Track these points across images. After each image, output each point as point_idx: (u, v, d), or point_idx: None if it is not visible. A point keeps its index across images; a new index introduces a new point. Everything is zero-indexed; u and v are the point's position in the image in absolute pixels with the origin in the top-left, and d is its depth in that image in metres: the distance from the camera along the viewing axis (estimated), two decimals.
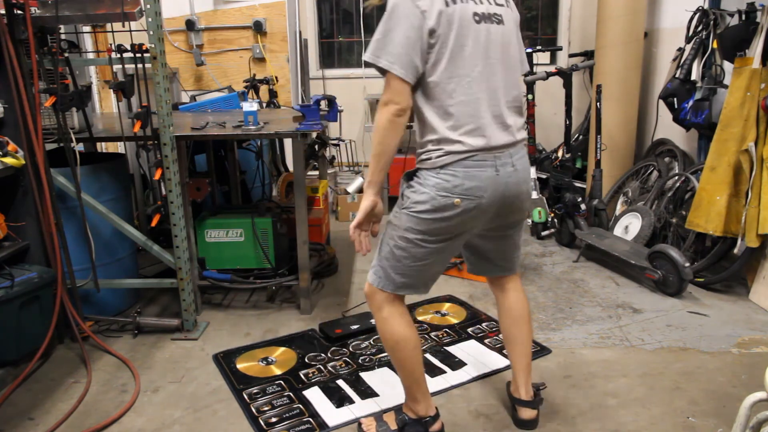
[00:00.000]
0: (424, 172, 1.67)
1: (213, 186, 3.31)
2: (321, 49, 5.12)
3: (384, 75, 1.59)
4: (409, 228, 1.69)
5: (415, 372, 1.84)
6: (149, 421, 2.07)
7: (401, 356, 1.81)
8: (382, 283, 1.77)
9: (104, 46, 3.93)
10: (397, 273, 1.74)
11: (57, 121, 2.43)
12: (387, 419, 1.95)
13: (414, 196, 1.67)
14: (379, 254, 1.78)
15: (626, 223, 3.62)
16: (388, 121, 1.59)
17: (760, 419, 1.43)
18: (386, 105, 1.59)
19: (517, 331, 1.97)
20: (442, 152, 1.63)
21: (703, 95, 3.32)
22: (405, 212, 1.69)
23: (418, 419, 1.88)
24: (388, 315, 1.79)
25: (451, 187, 1.62)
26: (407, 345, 1.80)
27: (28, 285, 2.30)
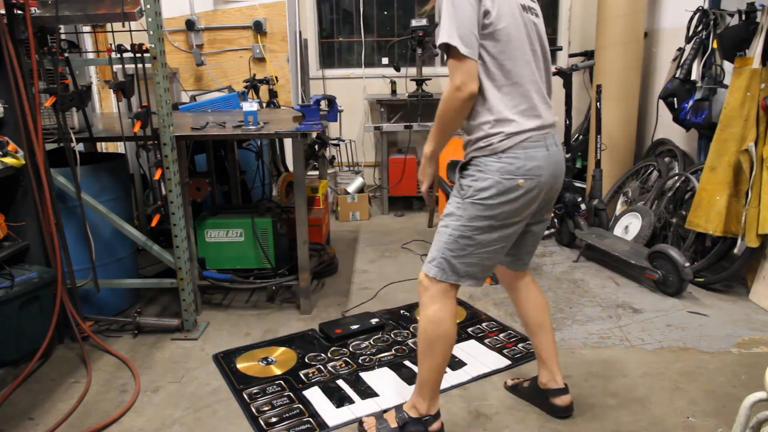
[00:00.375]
0: (484, 158, 1.70)
1: (213, 186, 3.31)
2: (321, 49, 5.12)
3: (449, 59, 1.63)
4: (476, 216, 1.71)
5: (442, 369, 1.85)
6: (149, 421, 2.07)
7: (437, 351, 1.82)
8: (445, 274, 1.77)
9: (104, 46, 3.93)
10: (462, 263, 1.75)
11: (57, 121, 2.43)
12: (387, 418, 1.95)
13: (476, 184, 1.70)
14: (438, 247, 1.78)
15: (626, 223, 3.62)
16: (462, 105, 1.64)
17: (760, 419, 1.43)
18: (460, 89, 1.61)
19: (544, 319, 2.04)
20: (502, 136, 1.67)
21: (703, 95, 3.32)
22: (469, 201, 1.71)
23: (419, 418, 1.88)
24: (440, 308, 1.80)
25: (515, 169, 1.68)
26: (447, 341, 1.82)
27: (28, 285, 2.30)
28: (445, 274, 1.77)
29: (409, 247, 3.90)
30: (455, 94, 1.62)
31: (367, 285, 3.28)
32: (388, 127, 4.62)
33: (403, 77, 4.72)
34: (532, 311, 2.05)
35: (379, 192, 4.93)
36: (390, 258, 3.72)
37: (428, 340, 1.82)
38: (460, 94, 1.61)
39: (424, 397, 1.87)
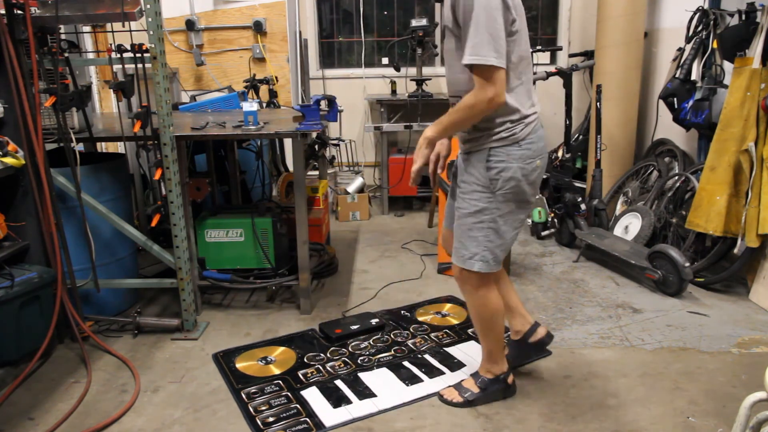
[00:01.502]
0: (506, 148, 1.82)
1: (213, 186, 3.31)
2: (321, 49, 5.12)
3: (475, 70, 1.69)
4: (508, 204, 1.86)
5: (501, 336, 2.08)
6: (149, 421, 2.08)
7: (494, 325, 2.03)
8: (489, 266, 1.92)
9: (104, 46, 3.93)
10: (501, 250, 1.92)
11: (57, 121, 2.43)
12: (467, 385, 2.14)
13: (504, 175, 1.83)
14: (477, 242, 1.89)
15: (626, 223, 3.62)
16: (483, 112, 1.74)
17: (760, 419, 1.43)
18: (492, 101, 1.70)
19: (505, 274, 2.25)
20: (522, 125, 1.82)
21: (703, 95, 3.32)
22: (500, 193, 1.85)
23: (496, 377, 2.11)
24: (486, 291, 1.98)
25: (532, 153, 1.84)
26: (499, 314, 2.03)
27: (28, 285, 2.30)
28: (489, 266, 1.92)
29: (409, 247, 3.90)
30: (487, 105, 1.71)
31: (367, 285, 3.28)
32: (388, 127, 4.62)
33: (403, 77, 4.72)
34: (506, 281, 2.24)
35: (379, 192, 4.93)
36: (390, 258, 3.72)
37: (485, 320, 2.03)
38: (492, 105, 1.71)
39: (494, 361, 2.10)
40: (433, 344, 2.58)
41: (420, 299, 3.06)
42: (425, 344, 2.58)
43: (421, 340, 2.62)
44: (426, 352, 2.50)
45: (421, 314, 2.89)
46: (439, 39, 4.93)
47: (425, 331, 2.70)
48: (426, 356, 2.47)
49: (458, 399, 2.12)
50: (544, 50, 4.77)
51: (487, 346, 2.11)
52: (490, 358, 2.11)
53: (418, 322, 2.81)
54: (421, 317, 2.85)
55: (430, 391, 2.20)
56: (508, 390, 2.15)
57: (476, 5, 1.63)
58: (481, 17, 1.63)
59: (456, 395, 2.13)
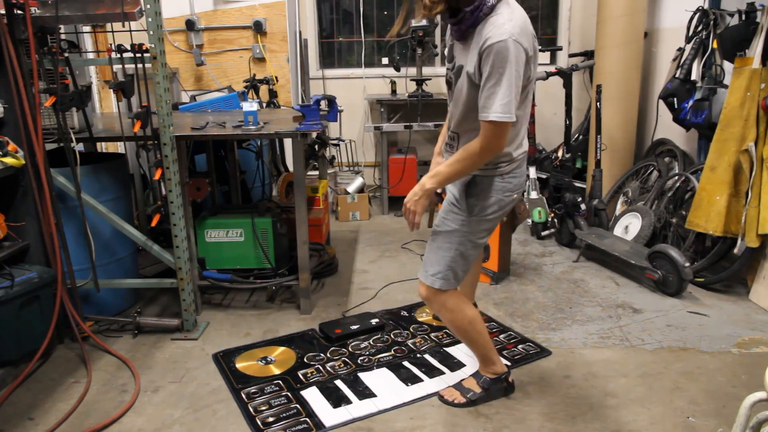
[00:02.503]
0: (488, 179, 1.88)
1: (213, 186, 3.31)
2: (321, 49, 5.12)
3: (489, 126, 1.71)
4: (480, 229, 1.93)
5: (487, 341, 2.11)
6: (149, 421, 2.08)
7: (475, 331, 2.06)
8: (450, 284, 1.97)
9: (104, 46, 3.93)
10: (464, 270, 1.98)
11: (57, 121, 2.43)
12: (468, 385, 2.15)
13: (483, 203, 1.89)
14: (444, 262, 1.94)
15: (626, 223, 3.62)
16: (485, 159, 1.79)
17: (760, 419, 1.43)
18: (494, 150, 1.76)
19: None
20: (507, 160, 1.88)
21: (703, 95, 3.32)
22: (476, 219, 1.91)
23: (498, 377, 2.13)
24: (455, 305, 2.01)
25: (512, 186, 1.91)
26: (477, 320, 2.05)
27: (28, 285, 2.30)
28: (449, 284, 1.97)
29: (409, 247, 3.90)
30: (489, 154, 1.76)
31: (367, 285, 3.28)
32: (388, 127, 4.62)
33: (403, 77, 4.72)
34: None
35: (379, 192, 4.93)
36: (390, 258, 3.72)
37: (464, 330, 2.05)
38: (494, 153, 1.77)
39: (491, 363, 2.13)
40: (433, 344, 2.58)
41: (420, 299, 3.05)
42: (425, 344, 2.58)
43: (421, 340, 2.62)
44: (426, 352, 2.50)
45: (421, 314, 2.89)
46: (438, 39, 4.93)
47: (425, 331, 2.70)
48: (426, 356, 2.47)
49: (460, 399, 2.12)
50: (544, 50, 4.78)
51: (478, 352, 2.13)
52: (487, 362, 2.13)
53: (418, 322, 2.81)
54: (421, 317, 2.85)
55: (430, 391, 2.21)
56: (510, 388, 2.17)
57: (509, 63, 1.61)
58: (513, 76, 1.62)
59: (458, 395, 2.13)
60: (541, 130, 4.61)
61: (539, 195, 3.85)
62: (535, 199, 3.80)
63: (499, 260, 3.21)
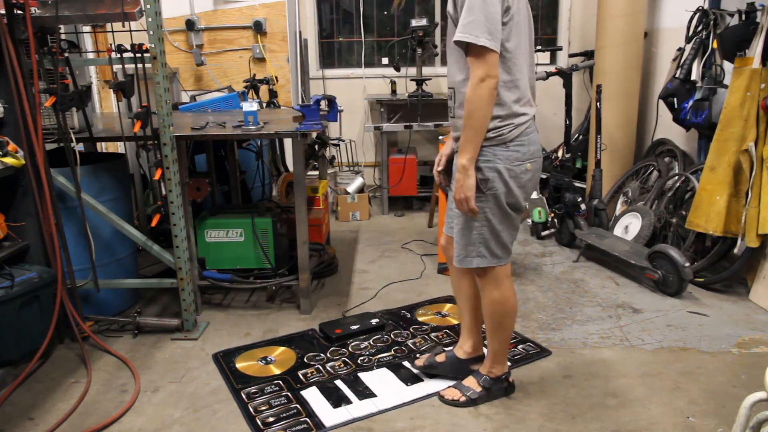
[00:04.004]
0: (493, 148, 1.80)
1: (213, 186, 3.31)
2: (321, 49, 5.12)
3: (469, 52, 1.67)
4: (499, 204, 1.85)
5: (508, 338, 2.10)
6: (149, 421, 2.08)
7: (507, 325, 2.04)
8: (489, 260, 1.92)
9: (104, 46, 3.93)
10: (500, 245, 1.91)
11: (57, 121, 2.43)
12: (469, 384, 2.14)
13: (490, 175, 1.82)
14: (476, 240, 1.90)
15: (626, 223, 3.62)
16: (489, 96, 1.69)
17: (760, 419, 1.43)
18: (484, 80, 1.67)
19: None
20: (512, 126, 1.80)
21: (703, 95, 3.32)
22: (490, 193, 1.84)
23: (499, 377, 2.12)
24: (507, 286, 1.98)
25: (521, 155, 1.82)
26: (513, 315, 2.04)
27: (28, 285, 2.30)
28: (487, 261, 1.92)
29: (409, 247, 3.90)
30: (480, 86, 1.67)
31: (367, 285, 3.28)
32: (388, 127, 4.62)
33: (403, 77, 4.72)
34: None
35: (379, 192, 4.93)
36: (390, 258, 3.72)
37: (498, 319, 2.02)
38: (488, 84, 1.67)
39: (498, 362, 2.11)
40: (433, 344, 2.58)
41: (420, 299, 3.05)
42: (425, 344, 2.58)
43: (421, 340, 2.62)
44: (426, 353, 2.50)
45: (421, 314, 2.89)
46: (439, 39, 4.93)
47: (425, 331, 2.70)
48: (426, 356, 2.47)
49: (461, 398, 2.11)
50: (544, 50, 4.78)
51: (493, 346, 2.09)
52: (495, 359, 2.11)
53: (418, 322, 2.80)
54: (421, 317, 2.85)
55: (430, 391, 2.20)
56: (510, 388, 2.16)
57: None
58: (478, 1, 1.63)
59: (458, 394, 2.13)
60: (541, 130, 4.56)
61: (539, 195, 3.85)
62: (535, 199, 3.80)
63: None
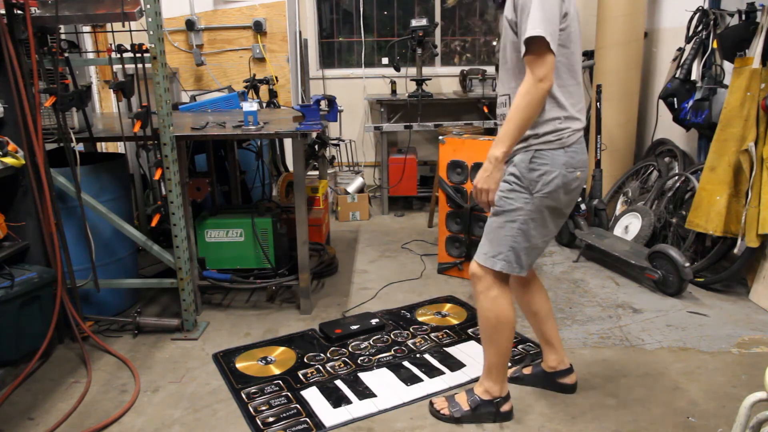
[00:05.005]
0: (551, 152, 1.79)
1: (213, 186, 3.31)
2: (321, 49, 5.12)
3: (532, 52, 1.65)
4: (544, 208, 1.81)
5: (507, 351, 1.96)
6: (149, 421, 2.08)
7: (501, 336, 1.93)
8: (512, 267, 1.85)
9: (104, 46, 3.94)
10: (527, 254, 1.86)
11: (57, 121, 2.43)
12: (458, 399, 2.04)
13: (545, 178, 1.78)
14: (505, 241, 1.84)
15: (626, 223, 3.62)
16: (542, 98, 1.69)
17: (760, 419, 1.43)
18: (542, 81, 1.66)
19: (549, 305, 2.15)
20: (570, 131, 1.79)
21: (703, 95, 3.32)
22: (539, 195, 1.80)
23: (490, 400, 1.99)
24: (498, 294, 1.89)
25: (575, 162, 1.81)
26: (509, 325, 1.92)
27: (28, 285, 2.30)
28: (511, 267, 1.86)
29: (409, 247, 3.90)
30: (539, 86, 1.66)
31: (367, 285, 3.28)
32: (388, 127, 4.62)
33: (403, 77, 4.72)
34: (541, 302, 2.13)
35: (379, 192, 4.93)
36: (390, 258, 3.72)
37: (492, 328, 1.92)
38: (543, 86, 1.66)
39: (494, 380, 1.98)
40: (433, 344, 2.58)
41: (420, 299, 3.06)
42: (425, 344, 2.58)
43: (421, 340, 2.62)
44: (426, 352, 2.50)
45: (421, 314, 2.89)
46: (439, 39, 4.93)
47: (425, 331, 2.70)
48: (426, 356, 2.47)
49: (446, 412, 2.03)
50: None
51: (488, 358, 1.99)
52: (490, 375, 1.99)
53: (418, 322, 2.80)
54: (421, 317, 2.85)
55: (430, 391, 2.21)
56: (500, 416, 2.01)
57: None
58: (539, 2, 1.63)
59: (445, 407, 2.05)
60: None
61: None
62: None
63: None
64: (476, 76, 4.71)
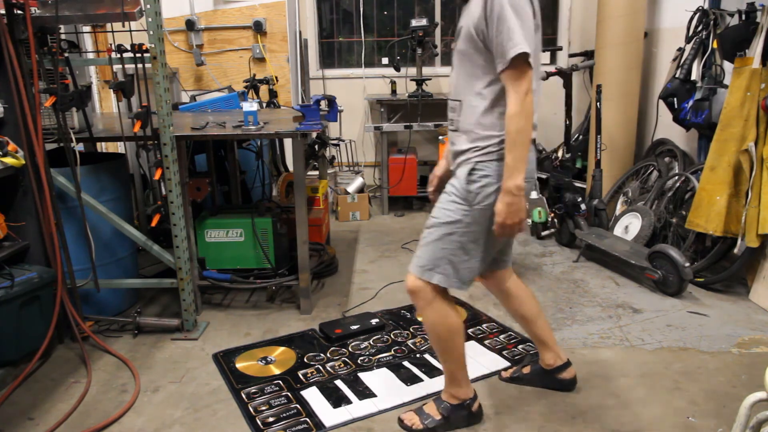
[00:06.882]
0: (491, 163, 1.74)
1: (213, 186, 3.31)
2: (321, 49, 5.12)
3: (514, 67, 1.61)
4: (484, 221, 1.76)
5: (461, 358, 1.93)
6: (149, 421, 2.08)
7: (452, 345, 1.89)
8: (449, 281, 1.81)
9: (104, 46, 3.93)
10: (466, 267, 1.81)
11: (57, 121, 2.43)
12: (428, 410, 1.99)
13: (486, 190, 1.74)
14: (441, 254, 1.80)
15: (626, 223, 3.62)
16: (532, 109, 1.64)
17: (760, 419, 1.43)
18: (528, 94, 1.63)
19: (537, 307, 2.13)
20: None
21: (703, 95, 3.32)
22: (478, 208, 1.76)
23: (460, 404, 1.96)
24: (441, 305, 1.85)
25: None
26: (458, 333, 1.89)
27: (28, 285, 2.30)
28: (449, 281, 1.82)
29: (409, 247, 3.90)
30: (525, 99, 1.63)
31: (367, 285, 3.28)
32: (388, 127, 4.62)
33: (403, 77, 4.72)
34: (526, 305, 2.12)
35: (379, 192, 4.93)
36: (390, 258, 3.72)
37: (442, 339, 1.89)
38: (530, 98, 1.63)
39: (458, 385, 1.95)
40: None
41: None
42: (425, 344, 2.58)
43: (421, 340, 2.62)
44: (426, 352, 2.50)
45: None
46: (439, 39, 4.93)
47: (425, 331, 2.70)
48: (426, 356, 2.47)
49: (418, 425, 1.97)
50: (544, 50, 4.77)
51: (446, 369, 1.96)
52: (453, 381, 1.96)
53: (418, 322, 2.80)
54: (421, 317, 2.85)
55: (430, 391, 2.20)
56: (473, 417, 1.99)
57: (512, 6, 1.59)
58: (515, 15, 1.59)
59: (416, 421, 1.98)
60: (541, 130, 4.58)
61: (539, 195, 3.84)
62: (535, 199, 3.79)
63: None
64: None
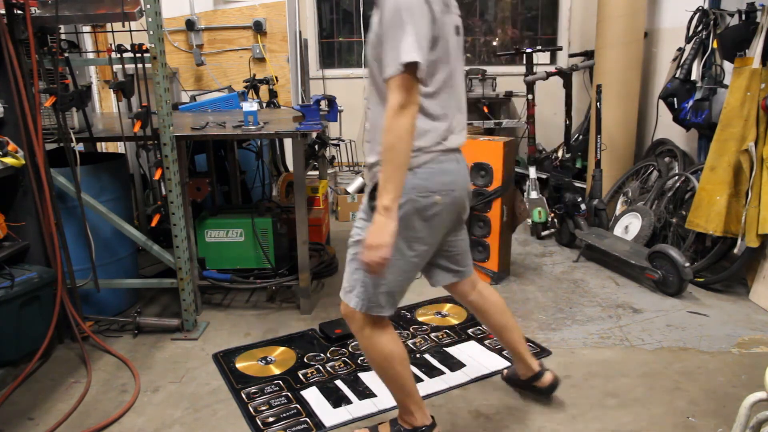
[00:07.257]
0: None
1: (213, 186, 3.31)
2: (321, 49, 5.12)
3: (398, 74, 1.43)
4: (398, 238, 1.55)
5: (405, 386, 1.77)
6: (149, 421, 2.08)
7: (392, 373, 1.75)
8: (370, 305, 1.68)
9: (104, 46, 3.93)
10: (385, 293, 1.67)
11: (57, 121, 2.43)
12: (382, 430, 1.90)
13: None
14: (357, 276, 1.68)
15: (626, 223, 3.62)
16: (411, 126, 1.46)
17: (760, 419, 1.43)
18: (406, 108, 1.44)
19: (507, 318, 2.02)
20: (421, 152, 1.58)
21: (703, 95, 3.32)
22: None
23: (414, 429, 1.81)
24: (371, 333, 1.71)
25: (430, 184, 1.59)
26: (395, 360, 1.73)
27: (28, 285, 2.30)
28: (366, 306, 1.68)
29: None
30: (403, 114, 1.43)
31: None
32: None
33: None
34: (494, 316, 2.00)
35: None
36: None
37: (380, 367, 1.76)
38: (409, 114, 1.44)
39: (409, 413, 1.81)
40: (433, 344, 2.58)
41: (420, 299, 3.05)
42: (425, 344, 2.58)
43: (421, 340, 2.62)
44: (426, 352, 2.50)
45: (421, 314, 2.88)
46: None
47: (425, 331, 2.70)
48: (426, 356, 2.47)
49: None
50: (544, 50, 4.77)
51: (395, 396, 1.82)
52: (406, 409, 1.80)
53: (418, 322, 2.80)
54: (421, 317, 2.85)
55: (430, 391, 2.20)
56: None
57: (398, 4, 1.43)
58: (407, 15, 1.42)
59: None
60: (541, 130, 4.60)
61: (539, 195, 3.84)
62: (535, 199, 3.79)
63: (499, 260, 3.21)
64: (476, 76, 4.71)
